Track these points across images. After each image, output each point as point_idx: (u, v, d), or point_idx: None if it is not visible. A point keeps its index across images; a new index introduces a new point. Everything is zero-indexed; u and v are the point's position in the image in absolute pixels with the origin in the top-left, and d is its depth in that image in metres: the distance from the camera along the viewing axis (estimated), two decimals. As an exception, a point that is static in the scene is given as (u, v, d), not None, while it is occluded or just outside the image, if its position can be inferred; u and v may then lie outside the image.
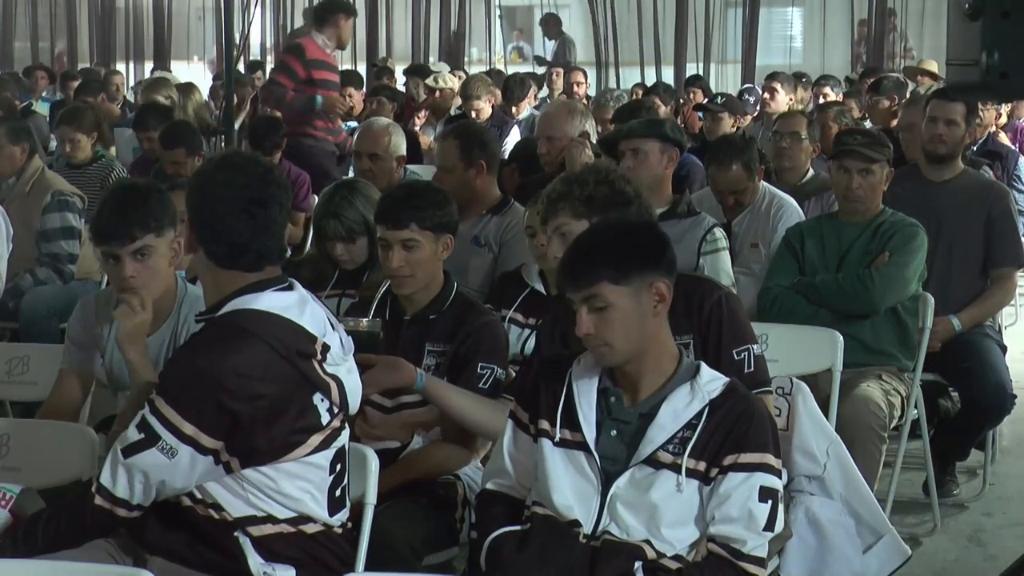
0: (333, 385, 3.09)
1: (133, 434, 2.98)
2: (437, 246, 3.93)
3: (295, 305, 3.07)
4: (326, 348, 3.08)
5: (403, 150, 5.97)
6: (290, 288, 3.11)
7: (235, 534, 3.01)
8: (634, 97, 10.39)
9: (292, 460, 3.01)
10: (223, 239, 3.05)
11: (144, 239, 3.79)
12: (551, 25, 16.14)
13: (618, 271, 3.12)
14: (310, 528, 3.08)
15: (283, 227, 3.15)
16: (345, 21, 8.57)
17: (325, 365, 3.08)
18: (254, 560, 3.00)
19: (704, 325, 3.63)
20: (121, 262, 3.77)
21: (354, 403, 3.18)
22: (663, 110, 8.94)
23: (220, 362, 2.95)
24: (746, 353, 3.63)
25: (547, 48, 16.29)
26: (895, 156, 5.46)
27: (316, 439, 3.05)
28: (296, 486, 3.04)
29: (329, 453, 3.09)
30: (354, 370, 3.19)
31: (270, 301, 3.04)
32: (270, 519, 3.03)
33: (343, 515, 3.18)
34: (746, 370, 3.59)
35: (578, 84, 12.13)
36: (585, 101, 10.00)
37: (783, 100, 9.54)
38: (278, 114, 8.50)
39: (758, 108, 10.15)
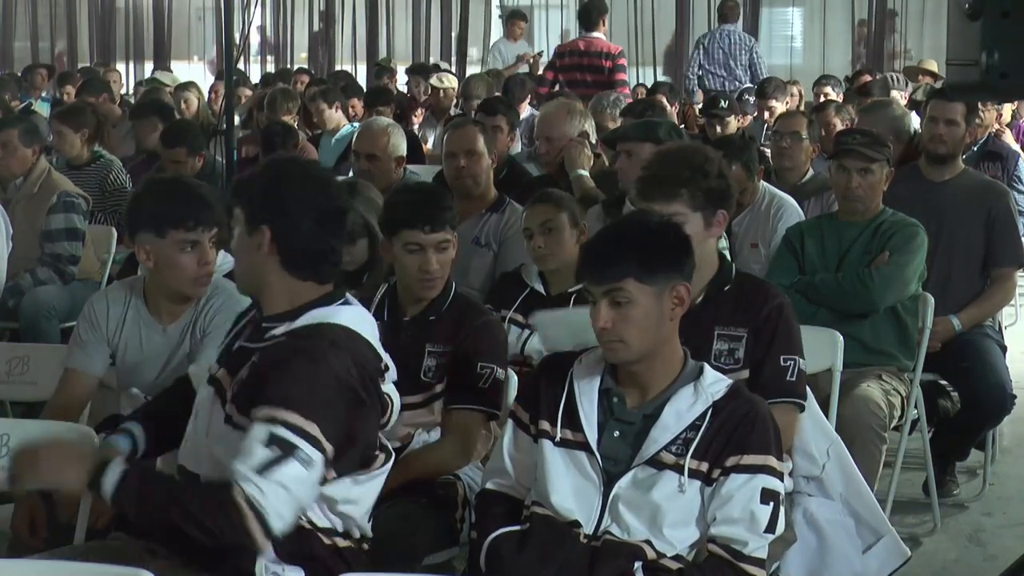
0: (390, 404, 3.12)
1: (260, 453, 2.77)
2: (457, 245, 3.96)
3: (366, 323, 3.06)
4: (386, 368, 3.10)
5: (403, 150, 5.92)
6: (348, 303, 3.08)
7: None
8: (636, 98, 10.37)
9: (367, 473, 3.04)
10: (307, 247, 2.99)
11: (215, 230, 3.86)
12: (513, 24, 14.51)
13: (646, 269, 3.11)
14: (342, 543, 3.06)
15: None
16: None
17: (384, 385, 3.10)
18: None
19: (761, 322, 3.65)
20: (202, 248, 3.82)
21: (393, 421, 3.18)
22: (670, 110, 8.95)
23: (333, 364, 2.89)
24: (792, 363, 3.64)
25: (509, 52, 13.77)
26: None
27: (382, 455, 3.08)
28: (364, 500, 3.06)
29: (389, 466, 3.13)
30: (394, 389, 3.18)
31: (348, 317, 3.01)
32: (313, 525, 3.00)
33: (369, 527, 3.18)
34: (787, 377, 3.62)
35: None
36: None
37: (780, 109, 9.54)
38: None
39: (757, 109, 10.15)
